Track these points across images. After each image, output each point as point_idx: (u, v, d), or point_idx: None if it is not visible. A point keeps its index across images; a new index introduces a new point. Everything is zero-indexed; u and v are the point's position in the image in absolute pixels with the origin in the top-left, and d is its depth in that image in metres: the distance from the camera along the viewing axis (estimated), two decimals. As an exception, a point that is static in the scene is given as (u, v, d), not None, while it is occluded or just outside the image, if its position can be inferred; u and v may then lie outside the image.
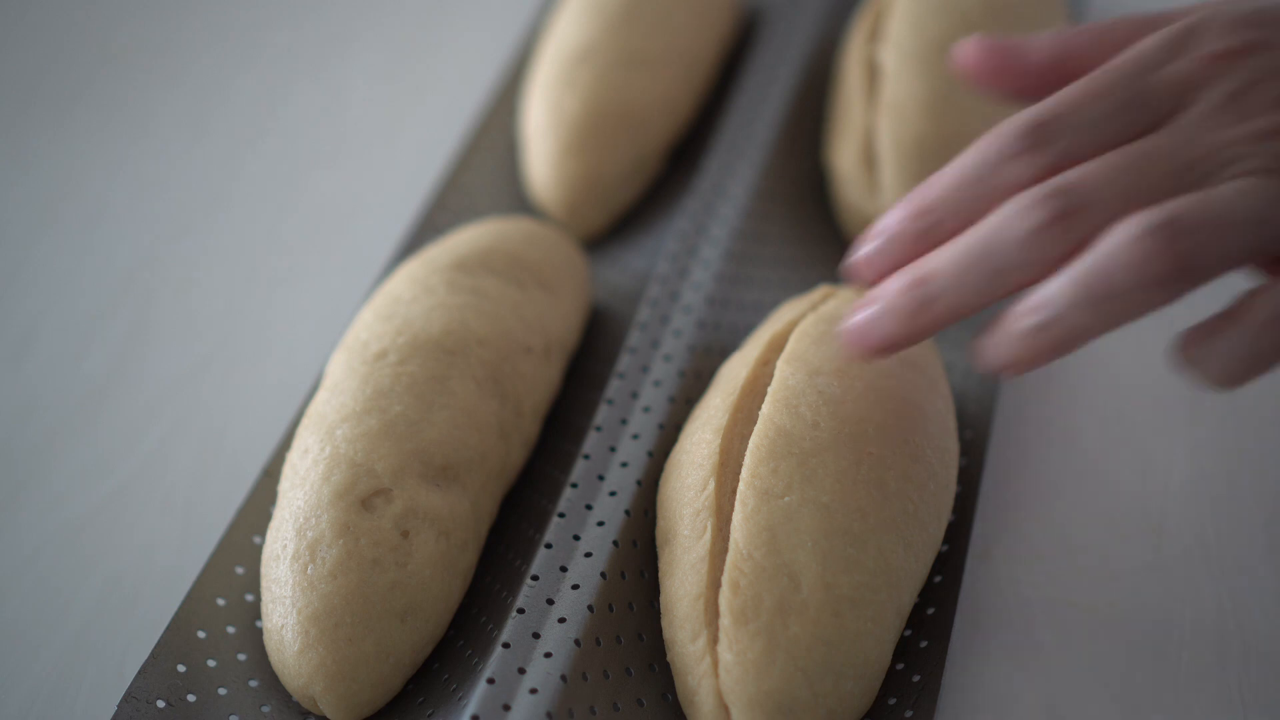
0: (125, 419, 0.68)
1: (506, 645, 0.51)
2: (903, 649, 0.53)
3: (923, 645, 0.53)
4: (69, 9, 0.96)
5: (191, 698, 0.53)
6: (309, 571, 0.53)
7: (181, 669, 0.53)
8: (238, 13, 0.96)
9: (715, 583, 0.51)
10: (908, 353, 0.57)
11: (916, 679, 0.52)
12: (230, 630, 0.55)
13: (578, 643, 0.51)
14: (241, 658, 0.55)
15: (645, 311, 0.64)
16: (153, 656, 0.53)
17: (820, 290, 0.61)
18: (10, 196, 0.82)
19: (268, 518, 0.58)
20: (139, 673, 0.53)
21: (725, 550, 0.52)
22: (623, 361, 0.62)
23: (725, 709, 0.50)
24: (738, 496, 0.52)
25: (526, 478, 0.61)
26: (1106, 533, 0.59)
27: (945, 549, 0.56)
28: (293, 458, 0.57)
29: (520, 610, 0.52)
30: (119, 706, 0.52)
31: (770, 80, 0.79)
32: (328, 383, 0.59)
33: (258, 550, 0.58)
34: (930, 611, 0.54)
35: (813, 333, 0.57)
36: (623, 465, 0.57)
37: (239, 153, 0.85)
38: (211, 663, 0.54)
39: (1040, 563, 0.58)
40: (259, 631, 0.55)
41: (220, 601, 0.56)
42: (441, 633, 0.55)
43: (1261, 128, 0.47)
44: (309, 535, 0.53)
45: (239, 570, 0.57)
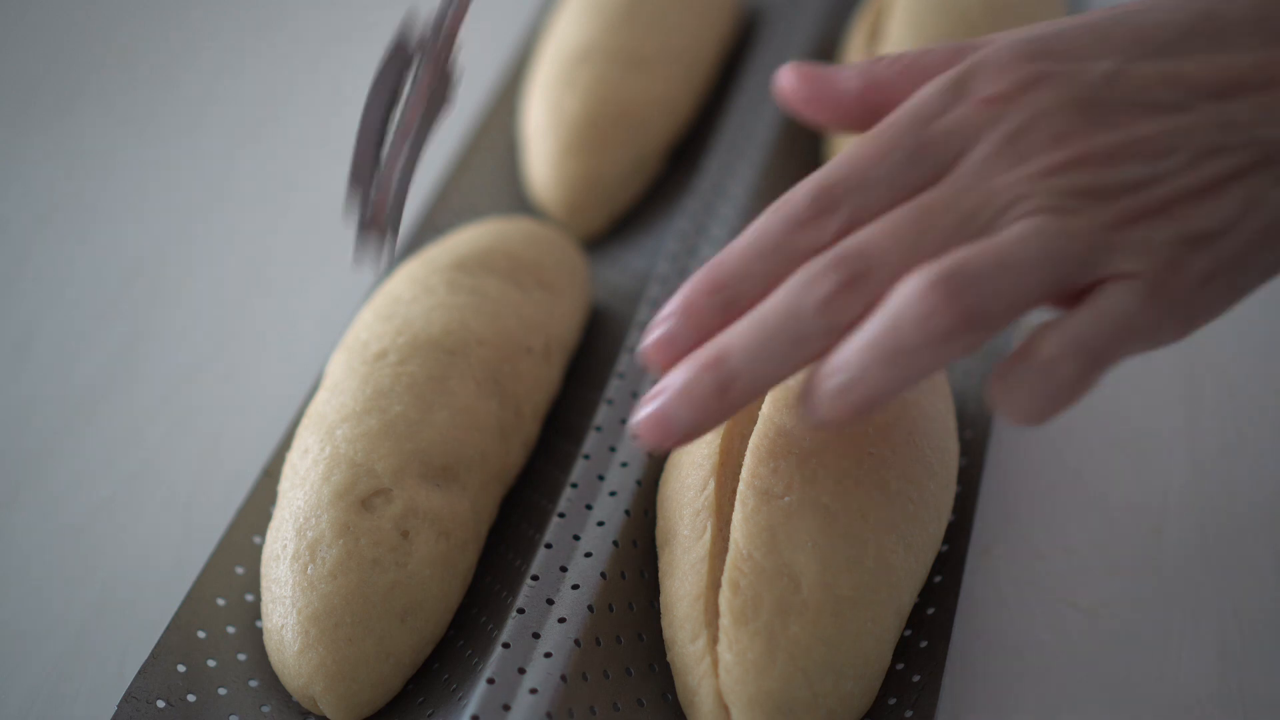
0: (125, 419, 0.68)
1: (506, 645, 0.51)
2: (903, 649, 0.53)
3: (923, 645, 0.53)
4: (69, 9, 0.96)
5: (191, 698, 0.53)
6: (309, 571, 0.53)
7: (181, 669, 0.53)
8: (237, 13, 0.96)
9: (715, 583, 0.51)
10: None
11: (916, 679, 0.52)
12: (230, 630, 0.55)
13: (578, 643, 0.51)
14: (241, 658, 0.55)
15: (645, 311, 0.64)
16: (153, 656, 0.53)
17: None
18: (10, 196, 0.82)
19: (268, 518, 0.58)
20: (139, 673, 0.53)
21: (725, 550, 0.52)
22: (623, 361, 0.62)
23: (725, 709, 0.50)
24: (738, 496, 0.52)
25: (526, 478, 0.61)
26: (1106, 533, 0.59)
27: (945, 549, 0.56)
28: (293, 458, 0.57)
29: (520, 610, 0.52)
30: (119, 706, 0.52)
31: (770, 80, 0.79)
32: (328, 383, 0.59)
33: (258, 550, 0.58)
34: (930, 611, 0.54)
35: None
36: (623, 465, 0.57)
37: (238, 153, 0.85)
38: (211, 663, 0.54)
39: (1040, 563, 0.58)
40: (259, 631, 0.55)
41: (220, 601, 0.56)
42: (441, 633, 0.55)
43: (1039, 167, 0.46)
44: (309, 535, 0.53)
45: (239, 570, 0.57)
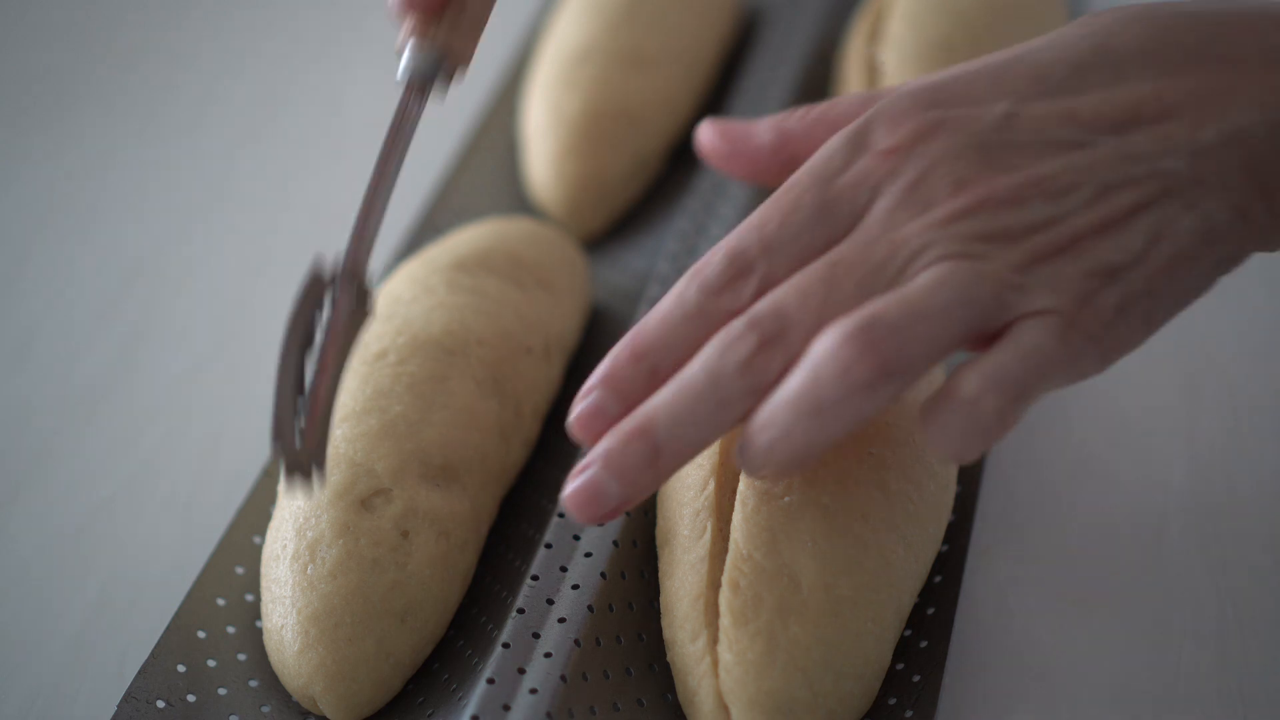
0: (125, 419, 0.68)
1: (506, 645, 0.51)
2: (903, 649, 0.53)
3: (923, 645, 0.53)
4: (69, 9, 0.96)
5: (191, 698, 0.53)
6: (309, 571, 0.53)
7: (181, 669, 0.53)
8: (237, 13, 0.96)
9: (715, 583, 0.51)
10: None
11: (916, 679, 0.52)
12: (230, 630, 0.55)
13: (578, 643, 0.51)
14: (241, 658, 0.55)
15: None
16: (153, 656, 0.53)
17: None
18: (10, 196, 0.82)
19: (268, 518, 0.58)
20: (139, 673, 0.53)
21: (725, 550, 0.52)
22: (623, 361, 0.62)
23: (725, 709, 0.50)
24: (738, 497, 0.52)
25: (526, 478, 0.61)
26: (1106, 533, 0.59)
27: (945, 549, 0.56)
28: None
29: (520, 610, 0.52)
30: (119, 706, 0.52)
31: (770, 80, 0.79)
32: (328, 383, 0.59)
33: (258, 550, 0.58)
34: (930, 611, 0.54)
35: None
36: (623, 465, 0.57)
37: (238, 153, 0.85)
38: (211, 663, 0.54)
39: (1040, 563, 0.58)
40: (259, 631, 0.55)
41: (220, 601, 0.56)
42: (441, 633, 0.55)
43: (943, 214, 0.47)
44: (309, 535, 0.53)
45: (239, 570, 0.57)
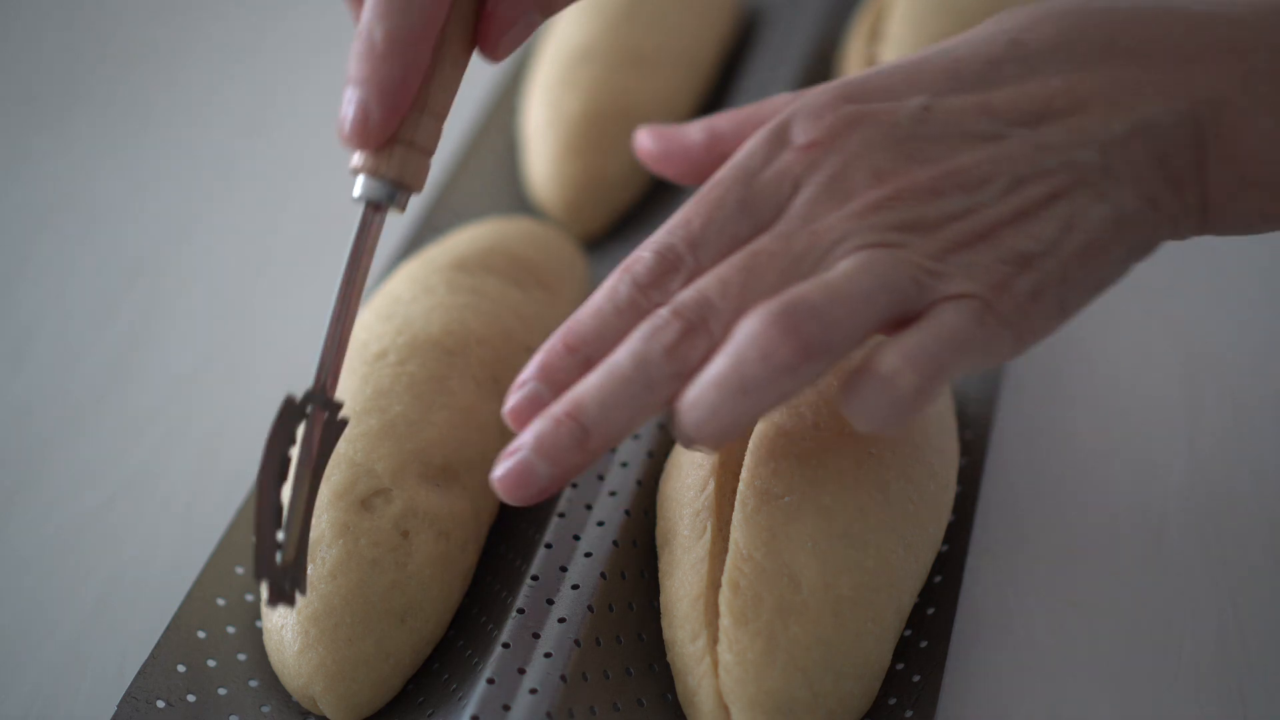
0: (125, 419, 0.68)
1: (506, 645, 0.51)
2: (903, 649, 0.53)
3: (923, 645, 0.53)
4: (69, 9, 0.96)
5: (191, 698, 0.53)
6: (309, 571, 0.53)
7: (181, 669, 0.53)
8: (236, 12, 0.96)
9: (715, 583, 0.51)
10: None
11: (916, 679, 0.52)
12: (230, 630, 0.55)
13: (578, 643, 0.51)
14: (241, 658, 0.54)
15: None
16: (153, 656, 0.53)
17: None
18: (10, 196, 0.82)
19: (268, 518, 0.58)
20: (139, 673, 0.53)
21: (725, 551, 0.52)
22: (623, 361, 0.62)
23: (725, 709, 0.50)
24: (738, 497, 0.52)
25: (526, 478, 0.61)
26: (1106, 533, 0.59)
27: (945, 549, 0.56)
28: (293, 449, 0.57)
29: (520, 610, 0.52)
30: (119, 706, 0.52)
31: (770, 80, 0.79)
32: (328, 383, 0.59)
33: (258, 550, 0.58)
34: (930, 611, 0.54)
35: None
36: (622, 465, 0.57)
37: (238, 153, 0.85)
38: (211, 663, 0.54)
39: (1040, 563, 0.58)
40: (259, 631, 0.55)
41: (220, 601, 0.56)
42: (441, 633, 0.55)
43: (861, 205, 0.48)
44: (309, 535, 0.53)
45: (239, 570, 0.57)
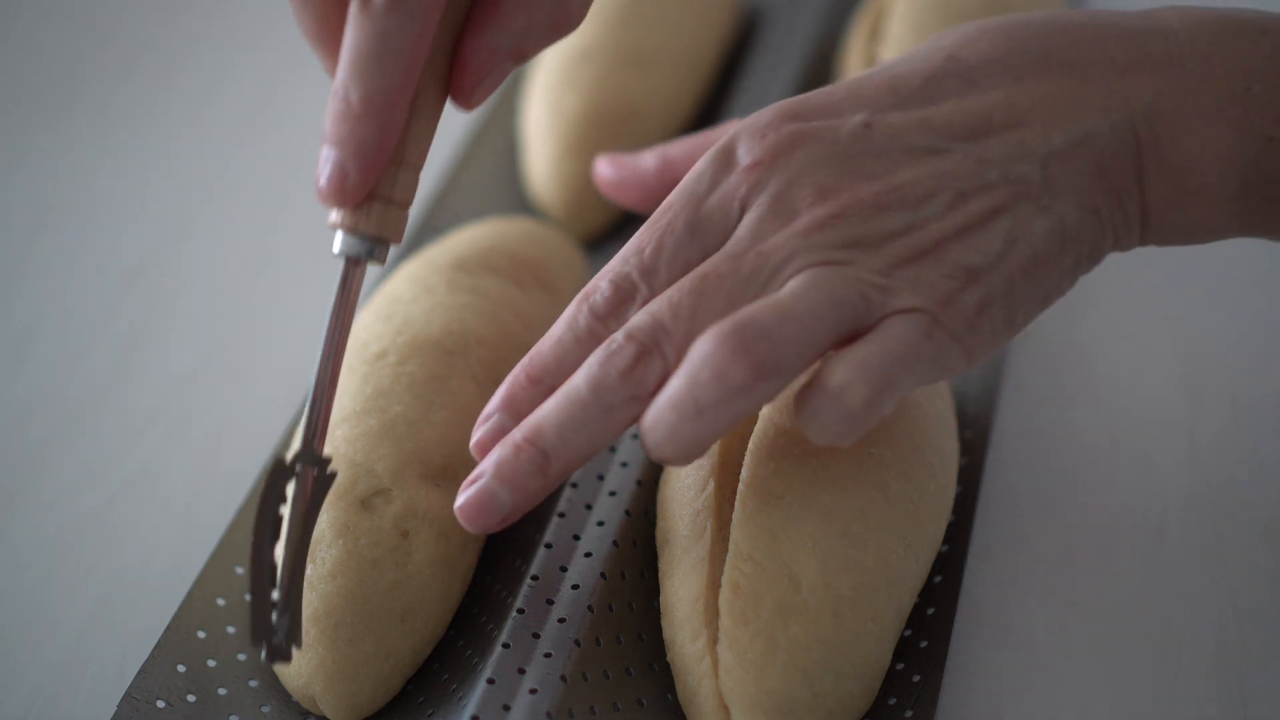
0: (125, 419, 0.68)
1: (506, 645, 0.51)
2: (903, 649, 0.53)
3: (923, 645, 0.53)
4: (69, 9, 0.96)
5: (191, 698, 0.53)
6: (309, 571, 0.53)
7: (181, 669, 0.53)
8: (236, 12, 0.96)
9: (715, 583, 0.51)
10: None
11: (916, 679, 0.52)
12: (230, 630, 0.55)
13: (578, 643, 0.51)
14: (241, 658, 0.54)
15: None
16: (153, 656, 0.53)
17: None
18: (10, 196, 0.82)
19: (268, 518, 0.58)
20: (139, 673, 0.53)
21: (725, 551, 0.52)
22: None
23: (725, 709, 0.50)
24: (738, 497, 0.52)
25: (526, 478, 0.61)
26: (1106, 533, 0.59)
27: (945, 549, 0.56)
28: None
29: (520, 610, 0.52)
30: (119, 706, 0.52)
31: (770, 80, 0.79)
32: (328, 383, 0.59)
33: (258, 550, 0.58)
34: (930, 611, 0.54)
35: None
36: (622, 465, 0.57)
37: (238, 152, 0.85)
38: (211, 663, 0.54)
39: (1040, 563, 0.58)
40: (259, 631, 0.55)
41: (220, 601, 0.56)
42: (441, 633, 0.55)
43: (806, 223, 0.48)
44: (309, 535, 0.53)
45: (239, 570, 0.57)
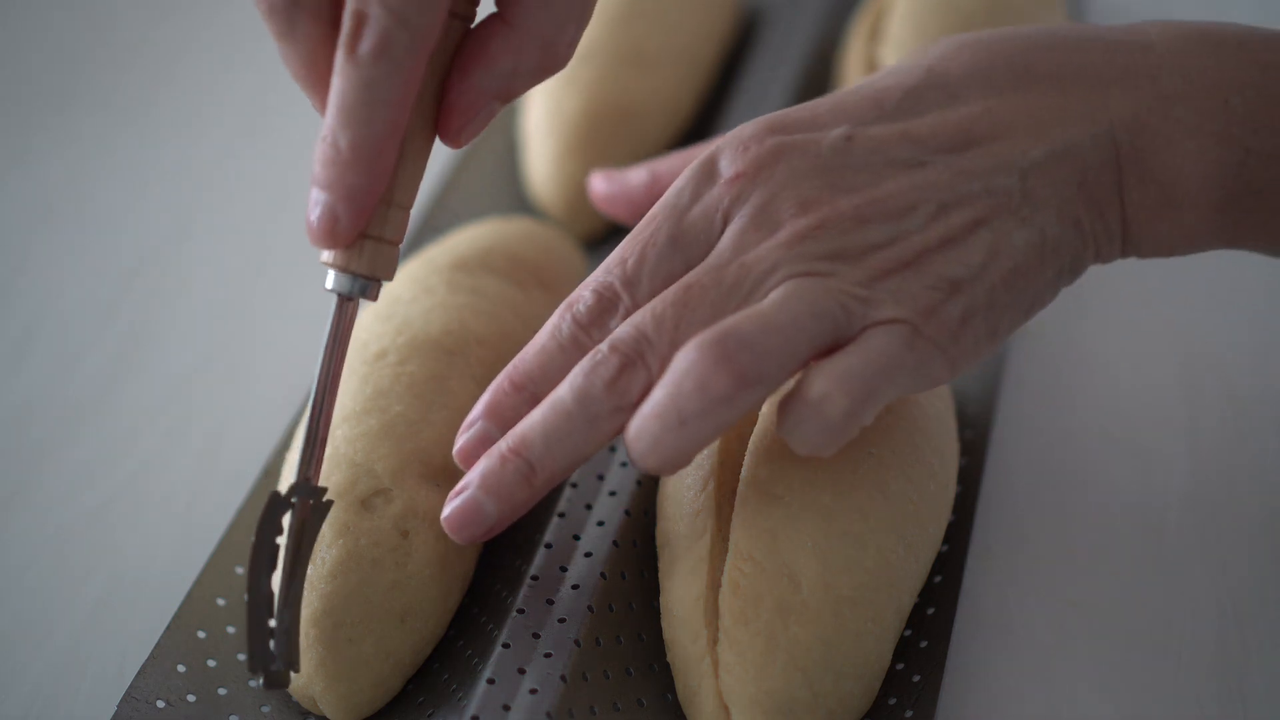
0: (125, 419, 0.68)
1: (506, 645, 0.51)
2: (903, 649, 0.53)
3: (923, 645, 0.53)
4: (69, 9, 0.96)
5: (191, 698, 0.53)
6: (309, 572, 0.53)
7: (181, 669, 0.53)
8: (236, 12, 0.96)
9: (715, 583, 0.51)
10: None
11: (916, 679, 0.52)
12: (230, 630, 0.55)
13: (578, 643, 0.51)
14: (241, 658, 0.54)
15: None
16: (153, 656, 0.53)
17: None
18: (10, 196, 0.82)
19: (268, 518, 0.58)
20: (139, 673, 0.53)
21: (725, 551, 0.52)
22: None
23: (725, 709, 0.50)
24: (738, 497, 0.52)
25: (526, 478, 0.61)
26: (1106, 533, 0.59)
27: (945, 549, 0.56)
28: (292, 458, 0.57)
29: (520, 610, 0.52)
30: (119, 706, 0.52)
31: (770, 80, 0.79)
32: (328, 383, 0.59)
33: (258, 550, 0.58)
34: (930, 611, 0.54)
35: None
36: (622, 465, 0.57)
37: (238, 152, 0.85)
38: (211, 663, 0.54)
39: (1040, 563, 0.58)
40: (259, 631, 0.55)
41: (220, 601, 0.56)
42: (441, 633, 0.55)
43: (789, 235, 0.49)
44: (309, 535, 0.53)
45: (239, 570, 0.57)
